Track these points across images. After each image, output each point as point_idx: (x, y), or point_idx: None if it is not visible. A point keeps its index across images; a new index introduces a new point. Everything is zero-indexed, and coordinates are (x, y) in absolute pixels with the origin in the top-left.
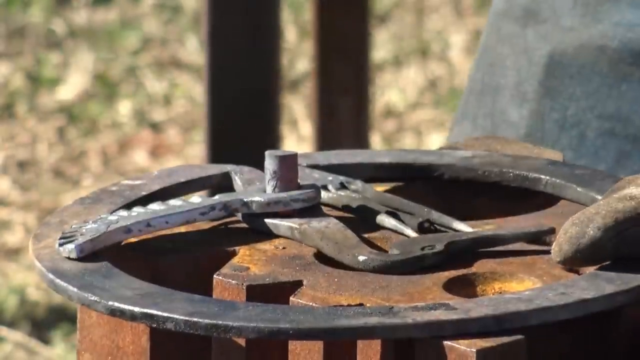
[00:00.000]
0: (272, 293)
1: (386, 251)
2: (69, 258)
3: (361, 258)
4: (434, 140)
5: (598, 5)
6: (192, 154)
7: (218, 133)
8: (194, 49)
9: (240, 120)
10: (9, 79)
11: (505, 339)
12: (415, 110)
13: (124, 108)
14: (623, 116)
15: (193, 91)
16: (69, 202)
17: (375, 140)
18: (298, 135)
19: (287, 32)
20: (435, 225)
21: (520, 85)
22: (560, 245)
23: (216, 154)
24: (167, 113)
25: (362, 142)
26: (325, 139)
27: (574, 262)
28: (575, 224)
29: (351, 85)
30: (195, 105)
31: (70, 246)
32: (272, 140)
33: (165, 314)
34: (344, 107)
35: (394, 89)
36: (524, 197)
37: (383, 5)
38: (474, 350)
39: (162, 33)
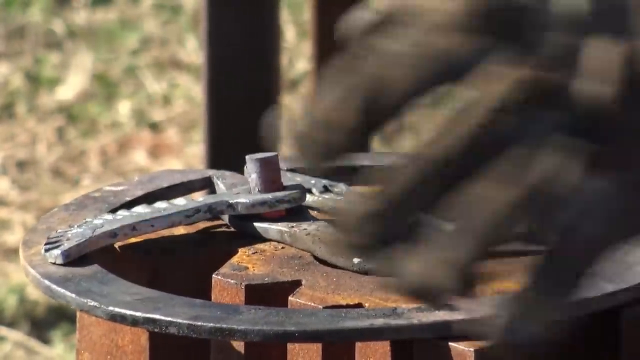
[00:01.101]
0: (271, 293)
1: None
2: (54, 263)
3: (356, 260)
4: None
5: None
6: (191, 154)
7: (217, 133)
8: (193, 49)
9: (240, 120)
10: (9, 79)
11: None
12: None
13: (124, 108)
14: None
15: (192, 91)
16: (54, 209)
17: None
18: None
19: (286, 32)
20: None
21: None
22: None
23: (215, 153)
24: (167, 113)
25: None
26: None
27: None
28: None
29: None
30: (194, 105)
31: (56, 252)
32: None
33: (168, 319)
34: None
35: None
36: None
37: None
38: (472, 349)
39: (162, 33)
